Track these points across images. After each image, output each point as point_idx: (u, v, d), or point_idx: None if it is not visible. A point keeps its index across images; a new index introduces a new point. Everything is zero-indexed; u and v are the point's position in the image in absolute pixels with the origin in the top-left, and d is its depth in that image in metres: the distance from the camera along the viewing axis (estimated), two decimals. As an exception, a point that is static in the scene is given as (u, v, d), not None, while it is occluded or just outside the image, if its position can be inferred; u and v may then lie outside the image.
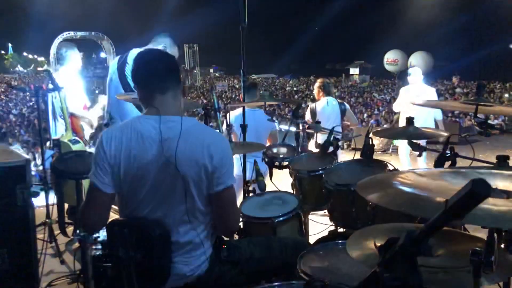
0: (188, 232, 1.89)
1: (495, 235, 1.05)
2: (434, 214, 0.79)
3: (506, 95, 20.02)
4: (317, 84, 5.76)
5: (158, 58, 1.98)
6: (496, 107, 2.50)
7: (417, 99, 6.15)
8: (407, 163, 6.45)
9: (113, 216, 2.06)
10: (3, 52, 59.66)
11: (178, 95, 1.96)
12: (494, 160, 1.96)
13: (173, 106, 1.92)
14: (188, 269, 1.90)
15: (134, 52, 3.41)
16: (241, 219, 2.67)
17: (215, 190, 1.88)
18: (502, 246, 1.81)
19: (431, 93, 6.49)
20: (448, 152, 2.29)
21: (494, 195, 1.02)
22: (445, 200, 0.72)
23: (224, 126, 3.44)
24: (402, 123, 6.34)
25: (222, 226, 2.02)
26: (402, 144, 6.58)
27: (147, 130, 1.85)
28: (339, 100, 5.77)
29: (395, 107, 7.02)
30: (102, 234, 2.54)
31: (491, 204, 0.91)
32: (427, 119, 6.21)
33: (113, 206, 2.01)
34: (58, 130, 4.54)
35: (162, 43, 3.46)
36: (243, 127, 3.29)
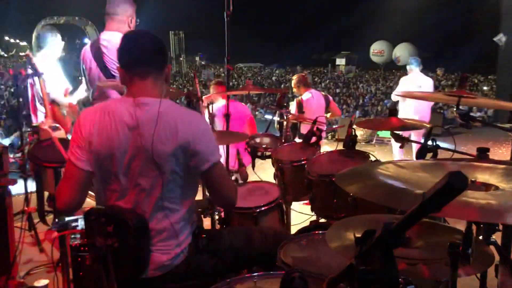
0: (165, 220, 1.86)
1: (474, 227, 1.05)
2: (412, 206, 0.78)
3: (485, 87, 20.30)
4: (294, 81, 5.82)
5: (144, 41, 1.90)
6: (479, 99, 2.51)
7: (417, 89, 6.24)
8: (398, 155, 6.47)
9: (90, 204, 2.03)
10: (-17, 36, 58.35)
11: (159, 81, 1.92)
12: (475, 153, 1.97)
13: (151, 92, 1.87)
14: (166, 258, 1.88)
15: (104, 37, 3.32)
16: (222, 210, 2.67)
17: (202, 169, 1.86)
18: (480, 237, 1.83)
19: (428, 84, 6.56)
20: (430, 143, 2.29)
21: (473, 187, 1.02)
22: (423, 192, 0.71)
23: (207, 115, 3.41)
24: (401, 112, 6.34)
25: (220, 201, 2.11)
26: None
27: (121, 112, 1.82)
28: (323, 93, 5.84)
29: (393, 96, 7.05)
30: (81, 223, 2.50)
31: (470, 197, 0.91)
32: (425, 109, 6.32)
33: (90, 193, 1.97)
34: (39, 117, 4.46)
35: (126, 17, 3.36)
36: (227, 116, 3.26)
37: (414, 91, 6.17)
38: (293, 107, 5.59)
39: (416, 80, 6.46)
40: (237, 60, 38.10)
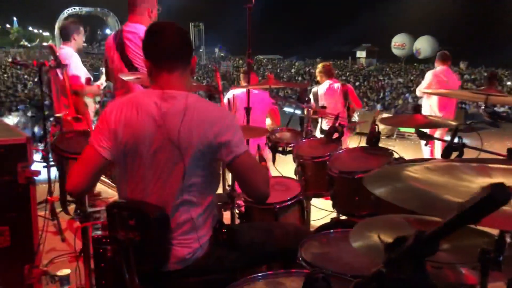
0: (186, 214, 1.86)
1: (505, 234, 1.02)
2: (444, 214, 0.76)
3: (509, 82, 19.82)
4: (318, 69, 5.75)
5: (170, 34, 1.89)
6: (507, 97, 2.45)
7: (444, 84, 6.04)
8: (427, 153, 6.23)
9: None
10: (8, 26, 59.32)
11: (186, 74, 1.92)
12: (500, 149, 1.91)
13: (178, 85, 1.88)
14: (187, 251, 1.88)
15: (127, 29, 3.33)
16: (242, 204, 2.66)
17: (226, 160, 1.85)
18: (508, 240, 1.79)
19: (455, 80, 6.33)
20: (456, 142, 2.24)
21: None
22: (460, 203, 0.68)
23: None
24: (426, 109, 6.18)
25: (249, 193, 2.03)
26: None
27: (148, 104, 1.82)
28: (342, 83, 5.74)
29: (418, 91, 6.84)
30: (103, 215, 2.54)
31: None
32: (450, 105, 6.12)
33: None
34: (61, 108, 4.52)
35: (145, 8, 3.37)
36: (247, 110, 3.25)
37: (440, 87, 6.04)
38: (311, 97, 5.57)
39: (442, 75, 6.22)
40: (256, 52, 37.95)
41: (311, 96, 5.59)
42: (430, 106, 6.15)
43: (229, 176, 2.79)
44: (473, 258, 1.10)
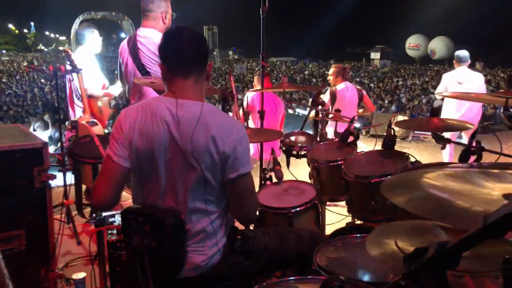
0: (200, 221, 1.86)
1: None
2: (464, 223, 0.73)
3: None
4: (333, 70, 5.67)
5: (188, 40, 1.88)
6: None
7: (459, 86, 5.82)
8: (447, 157, 5.95)
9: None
10: (25, 31, 60.31)
11: (201, 80, 1.91)
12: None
13: (192, 92, 1.87)
14: (202, 258, 1.87)
15: (141, 33, 3.35)
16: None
17: (229, 177, 1.83)
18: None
19: (477, 80, 5.98)
20: (474, 146, 2.20)
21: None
22: (484, 216, 0.66)
23: (241, 112, 3.39)
24: (445, 111, 5.97)
25: (238, 214, 1.98)
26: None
27: (162, 111, 1.82)
28: (358, 87, 5.70)
29: (437, 93, 6.65)
30: (118, 219, 2.54)
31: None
32: (473, 107, 5.84)
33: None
34: (77, 112, 4.56)
35: (160, 13, 3.38)
36: (261, 113, 3.24)
37: (462, 88, 5.75)
38: (326, 97, 5.48)
39: (464, 76, 5.95)
40: (270, 54, 37.95)
41: (327, 95, 5.52)
42: (448, 109, 5.97)
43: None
44: (496, 267, 1.07)
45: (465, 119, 5.48)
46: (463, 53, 6.08)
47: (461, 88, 5.80)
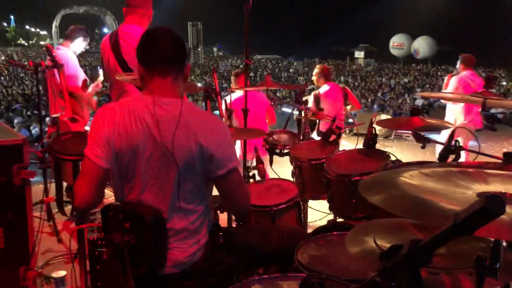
0: (182, 219, 1.86)
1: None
2: (440, 222, 0.75)
3: (504, 83, 19.87)
4: (316, 71, 5.70)
5: (166, 39, 1.87)
6: (504, 100, 2.45)
7: (469, 89, 5.59)
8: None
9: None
10: (5, 24, 59.14)
11: (179, 81, 1.90)
12: (497, 151, 1.90)
13: (171, 91, 1.86)
14: (184, 255, 1.87)
15: (123, 29, 3.32)
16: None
17: (218, 174, 1.84)
18: (504, 244, 1.78)
19: (481, 83, 5.73)
20: (453, 145, 2.24)
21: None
22: (455, 213, 0.68)
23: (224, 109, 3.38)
24: (448, 115, 5.91)
25: (233, 208, 2.04)
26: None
27: (141, 111, 1.80)
28: (341, 85, 5.75)
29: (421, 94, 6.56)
30: (98, 217, 2.52)
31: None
32: (475, 112, 5.61)
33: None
34: (57, 108, 4.50)
35: (147, 9, 3.34)
36: (245, 111, 3.24)
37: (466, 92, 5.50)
38: (310, 100, 5.51)
39: (469, 80, 5.81)
40: (254, 52, 37.97)
41: (311, 98, 5.55)
42: (454, 113, 5.85)
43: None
44: (470, 263, 1.09)
45: (473, 124, 5.47)
46: (470, 56, 6.02)
47: (472, 91, 5.65)
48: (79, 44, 4.70)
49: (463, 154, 5.56)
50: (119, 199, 1.93)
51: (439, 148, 5.64)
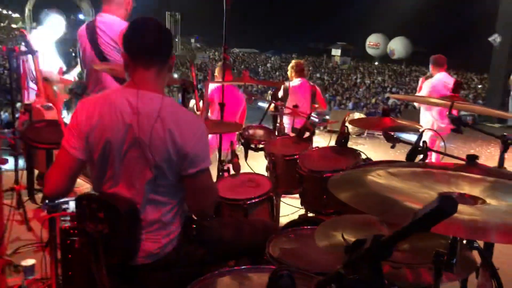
0: (156, 211, 1.88)
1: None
2: (403, 220, 0.81)
3: (479, 86, 20.48)
4: (291, 65, 5.81)
5: (152, 30, 1.88)
6: (470, 105, 2.56)
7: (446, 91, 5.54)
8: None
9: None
10: (-25, 5, 57.07)
11: (162, 72, 1.91)
12: (466, 152, 1.99)
13: (153, 83, 1.87)
14: (156, 246, 1.90)
15: (100, 19, 3.29)
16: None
17: (188, 172, 1.85)
18: (464, 241, 1.88)
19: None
20: (421, 145, 2.33)
21: (462, 201, 1.05)
22: (414, 213, 0.74)
23: (201, 103, 3.41)
24: (425, 119, 5.93)
25: (195, 209, 2.00)
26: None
27: (121, 103, 1.82)
28: (311, 83, 5.83)
29: (416, 104, 6.50)
30: (71, 205, 2.52)
31: (457, 211, 0.94)
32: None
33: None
34: (31, 95, 4.43)
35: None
36: (221, 105, 3.27)
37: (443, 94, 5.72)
38: (280, 93, 5.60)
39: (442, 81, 5.85)
40: (232, 45, 37.78)
41: (281, 90, 5.63)
42: (432, 117, 5.86)
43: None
44: (430, 259, 1.17)
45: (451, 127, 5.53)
46: (441, 57, 6.03)
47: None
48: (55, 25, 4.60)
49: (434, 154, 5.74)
50: (96, 189, 1.95)
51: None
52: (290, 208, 3.33)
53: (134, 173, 1.84)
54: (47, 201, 2.56)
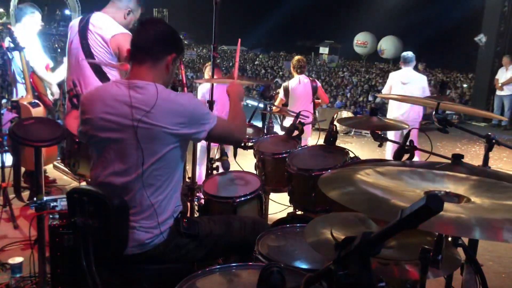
0: (148, 197, 1.93)
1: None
2: (390, 217, 0.84)
3: (465, 85, 20.72)
4: (292, 62, 5.88)
5: (150, 29, 2.02)
6: (456, 105, 2.60)
7: (403, 86, 6.04)
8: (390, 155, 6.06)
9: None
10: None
11: (156, 69, 2.01)
12: (451, 151, 2.04)
13: (145, 75, 1.98)
14: (147, 236, 1.94)
15: (96, 17, 3.27)
16: (202, 197, 2.71)
17: (202, 138, 2.02)
18: (449, 239, 1.92)
19: (420, 82, 6.16)
20: (408, 144, 2.37)
21: (447, 199, 1.08)
22: (401, 210, 0.77)
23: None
24: (390, 110, 6.26)
25: (230, 143, 2.66)
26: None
27: (118, 92, 1.93)
28: (311, 78, 5.88)
29: (378, 94, 6.92)
30: (60, 204, 2.52)
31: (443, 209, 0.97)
32: (414, 107, 6.02)
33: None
34: (19, 92, 4.39)
35: (125, 8, 3.29)
36: (210, 103, 3.27)
37: (405, 89, 5.99)
38: (281, 93, 5.70)
39: (408, 77, 6.17)
40: (221, 42, 37.66)
41: (281, 90, 5.71)
42: (392, 108, 6.26)
43: (189, 169, 2.82)
44: (417, 255, 1.20)
45: (405, 119, 5.79)
46: (409, 54, 6.28)
47: (405, 88, 6.05)
48: (30, 24, 4.53)
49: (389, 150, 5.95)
50: (95, 179, 2.02)
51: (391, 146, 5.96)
52: (279, 206, 3.36)
53: (130, 159, 1.91)
54: (35, 198, 2.55)
